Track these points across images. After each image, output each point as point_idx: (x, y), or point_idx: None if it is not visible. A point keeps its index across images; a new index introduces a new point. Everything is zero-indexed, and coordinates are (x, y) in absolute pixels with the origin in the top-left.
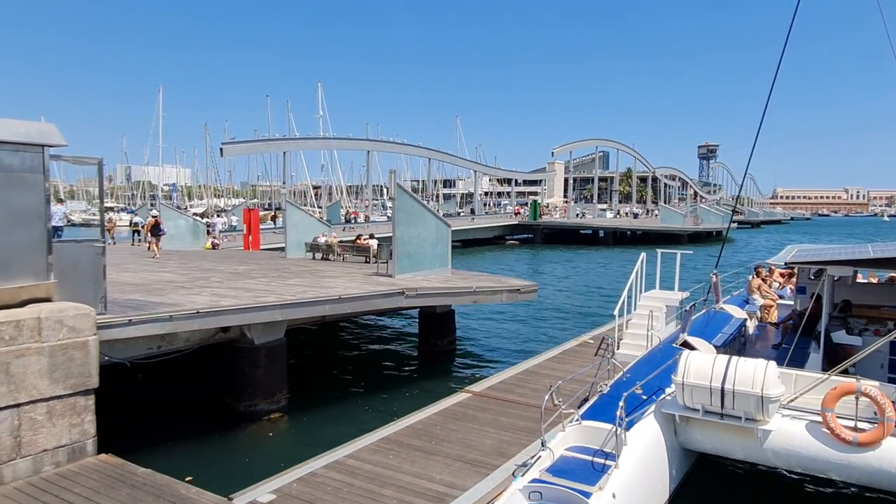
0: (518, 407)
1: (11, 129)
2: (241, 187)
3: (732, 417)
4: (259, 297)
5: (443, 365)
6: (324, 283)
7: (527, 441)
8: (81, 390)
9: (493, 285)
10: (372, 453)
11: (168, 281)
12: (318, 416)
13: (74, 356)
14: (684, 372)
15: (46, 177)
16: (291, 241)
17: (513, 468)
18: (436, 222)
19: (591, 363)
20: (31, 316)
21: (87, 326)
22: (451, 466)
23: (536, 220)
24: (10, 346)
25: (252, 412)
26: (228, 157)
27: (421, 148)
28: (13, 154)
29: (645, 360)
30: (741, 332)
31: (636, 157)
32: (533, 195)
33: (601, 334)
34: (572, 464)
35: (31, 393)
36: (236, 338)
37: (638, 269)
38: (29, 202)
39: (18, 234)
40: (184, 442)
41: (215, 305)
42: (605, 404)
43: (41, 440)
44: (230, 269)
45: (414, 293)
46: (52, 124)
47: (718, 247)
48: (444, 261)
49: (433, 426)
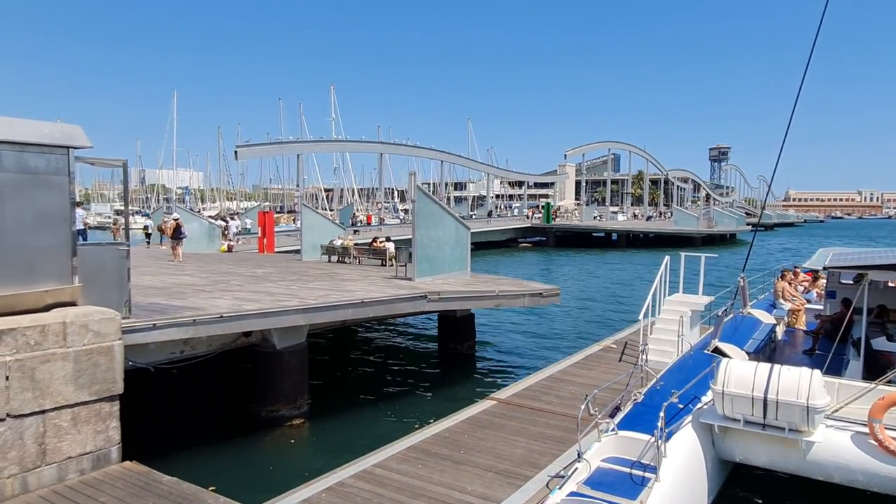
0: (545, 415)
1: (37, 130)
2: (252, 190)
3: (775, 428)
4: (281, 300)
5: (463, 370)
6: (344, 286)
7: (557, 451)
8: (106, 396)
9: (516, 289)
10: (400, 462)
11: (188, 284)
12: (339, 421)
13: (99, 361)
14: (724, 381)
15: (71, 179)
16: (307, 244)
17: (546, 479)
18: (455, 225)
19: (617, 369)
20: (56, 321)
21: (113, 331)
22: (483, 477)
23: (549, 223)
24: (36, 351)
25: (274, 418)
26: (243, 159)
27: (434, 150)
28: (38, 156)
29: (677, 368)
30: (771, 338)
31: (648, 160)
32: (544, 197)
33: (623, 339)
34: (610, 476)
35: (56, 399)
36: (258, 342)
37: (662, 273)
38: (54, 205)
39: (43, 238)
40: (205, 448)
41: (239, 309)
42: (641, 414)
43: (66, 447)
44: (248, 272)
45: (437, 297)
46: (77, 125)
47: (733, 250)
48: (464, 264)
49: (460, 434)
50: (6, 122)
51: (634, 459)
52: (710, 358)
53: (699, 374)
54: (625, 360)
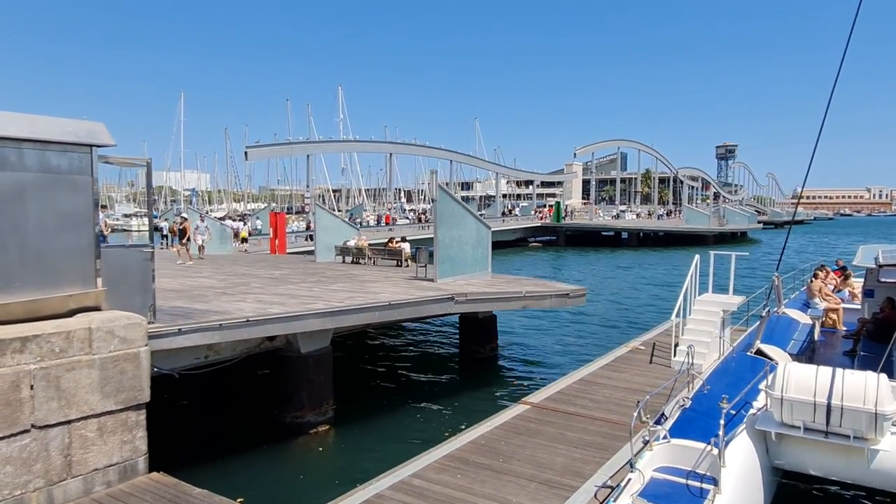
0: (582, 420)
1: (60, 127)
2: (259, 192)
3: (839, 436)
4: (307, 303)
5: (486, 372)
6: (367, 288)
7: (600, 458)
8: (133, 405)
9: (542, 290)
10: (438, 472)
11: (208, 287)
12: (365, 428)
13: (126, 369)
14: (783, 385)
15: (95, 179)
16: (321, 245)
17: (593, 490)
18: (476, 224)
19: (648, 371)
20: (81, 326)
21: (139, 337)
22: (526, 488)
23: (559, 222)
24: (61, 358)
25: (299, 424)
26: (253, 160)
27: (443, 150)
28: (61, 154)
29: (721, 371)
30: (811, 339)
31: (658, 158)
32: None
33: (651, 340)
34: (666, 487)
35: (81, 409)
36: (282, 346)
37: (692, 273)
38: (77, 205)
39: (66, 240)
40: (230, 457)
41: (264, 313)
42: (692, 420)
43: (92, 459)
44: (266, 273)
45: (464, 298)
46: (100, 123)
47: (745, 248)
48: (485, 264)
49: (497, 441)
50: (28, 120)
51: (689, 469)
52: (755, 360)
53: (746, 377)
54: (655, 362)
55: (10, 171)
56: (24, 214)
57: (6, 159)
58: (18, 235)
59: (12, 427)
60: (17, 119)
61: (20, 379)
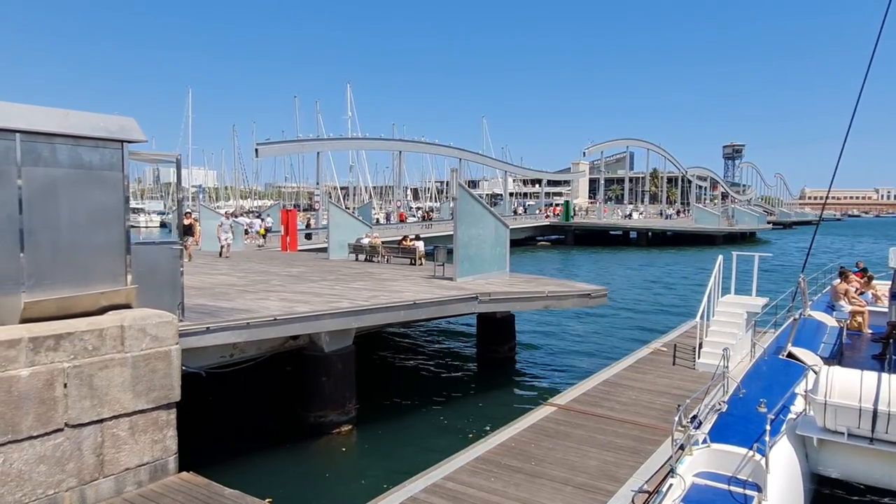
0: (611, 422)
1: (92, 122)
2: (265, 189)
3: (885, 442)
4: (331, 302)
5: (506, 373)
6: (388, 286)
7: (634, 462)
8: (164, 404)
9: (563, 290)
10: (471, 475)
11: (228, 284)
12: (387, 428)
13: (157, 367)
14: (827, 390)
15: (126, 175)
16: (334, 242)
17: (630, 494)
18: (495, 223)
19: (671, 372)
20: (113, 324)
21: (170, 335)
22: (561, 492)
23: (568, 221)
24: (94, 356)
25: (322, 423)
26: (264, 157)
27: (451, 148)
28: (93, 150)
29: (754, 374)
30: (840, 342)
31: (666, 158)
32: (557, 195)
33: (672, 341)
34: (709, 493)
35: (114, 407)
36: (305, 345)
37: (716, 274)
38: (108, 202)
39: (98, 236)
40: (255, 456)
41: (291, 312)
42: (730, 425)
43: (123, 458)
44: (283, 271)
45: (488, 298)
46: (131, 118)
47: (756, 249)
48: (503, 263)
49: (527, 444)
50: (61, 114)
51: (730, 475)
52: (787, 364)
53: (780, 380)
54: (678, 363)
55: (43, 167)
56: (56, 211)
57: (39, 154)
58: (50, 232)
59: (46, 426)
60: (51, 114)
61: (54, 377)
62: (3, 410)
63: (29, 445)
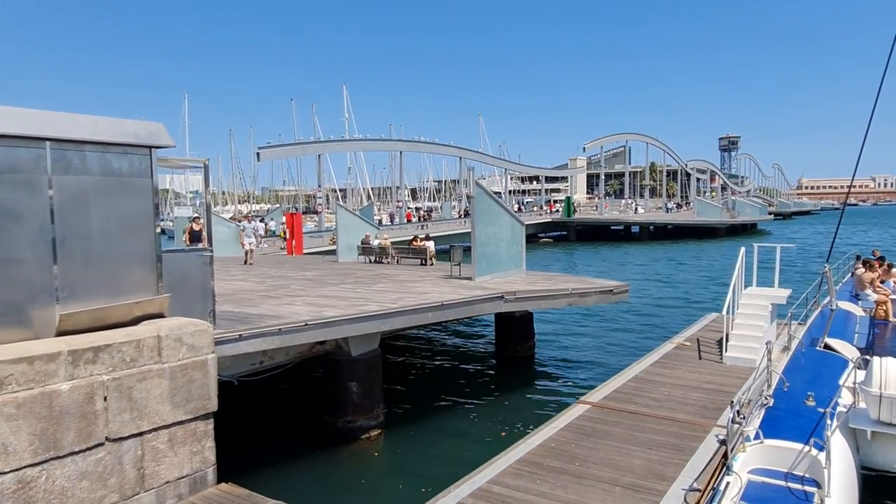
0: (647, 419)
1: (121, 129)
2: (262, 193)
3: None
4: (358, 305)
5: (527, 371)
6: (410, 288)
7: (679, 460)
8: (201, 414)
9: (585, 286)
10: (515, 478)
11: (249, 290)
12: (416, 431)
13: (194, 377)
14: (882, 382)
15: (155, 181)
16: (342, 245)
17: (681, 493)
18: (511, 221)
19: (700, 367)
20: (150, 335)
21: (206, 344)
22: (611, 493)
23: (570, 217)
24: (132, 368)
25: (351, 429)
26: (265, 160)
27: (452, 147)
28: (122, 157)
29: (794, 367)
30: (873, 332)
31: (665, 151)
32: (555, 192)
33: (694, 335)
34: (767, 491)
35: (153, 420)
36: (332, 350)
37: (740, 266)
38: (138, 209)
39: (129, 245)
40: (289, 465)
41: (321, 316)
42: (780, 419)
43: (163, 471)
44: (298, 275)
45: (513, 297)
46: (159, 123)
47: (759, 240)
48: (519, 261)
49: (567, 444)
50: (90, 121)
51: (786, 471)
52: (826, 355)
53: (823, 372)
54: (704, 357)
55: (74, 175)
56: (87, 220)
57: (70, 162)
58: (82, 241)
59: (87, 441)
60: (80, 120)
61: (94, 391)
62: (45, 426)
63: (71, 461)
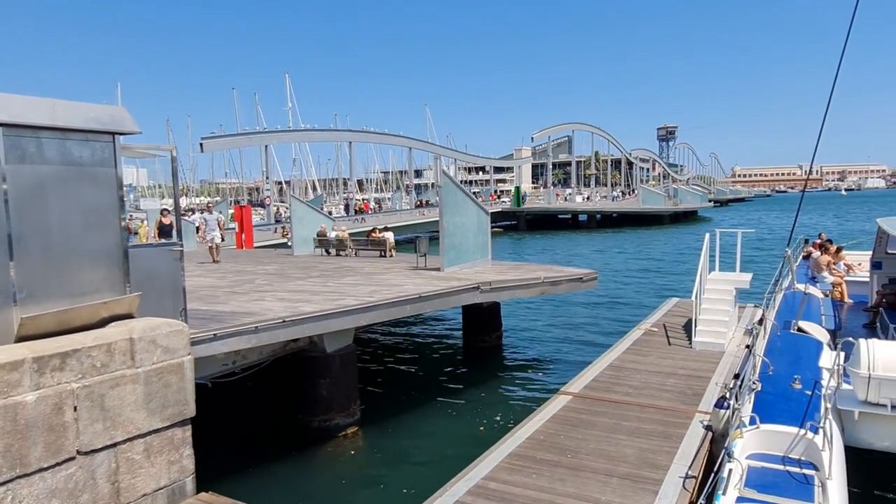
0: (631, 408)
1: (82, 113)
2: (200, 186)
3: None
4: (333, 300)
5: (496, 361)
6: (381, 281)
7: (669, 447)
8: (179, 421)
9: (556, 275)
10: (510, 473)
11: (211, 286)
12: (393, 427)
13: (170, 381)
14: (870, 363)
15: (119, 171)
16: (298, 237)
17: (679, 481)
18: (477, 210)
19: (672, 353)
20: (122, 337)
21: (182, 345)
22: (608, 484)
23: (520, 207)
24: (104, 374)
25: (327, 427)
26: (209, 151)
27: (402, 137)
28: (83, 144)
29: (773, 350)
30: (837, 314)
31: (610, 140)
32: (501, 182)
33: (660, 321)
34: (769, 476)
35: (127, 429)
36: (305, 347)
37: (705, 252)
38: (101, 201)
39: (93, 240)
40: (266, 468)
41: (298, 312)
42: (770, 403)
43: (140, 484)
44: (259, 269)
45: (488, 287)
46: (121, 107)
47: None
48: (485, 251)
49: (555, 436)
50: (47, 105)
51: (783, 455)
52: (803, 338)
53: (802, 355)
54: (673, 343)
55: (30, 164)
56: (45, 214)
57: (24, 151)
58: (41, 237)
59: (57, 455)
60: (35, 104)
61: (63, 400)
62: (10, 442)
63: (39, 478)
